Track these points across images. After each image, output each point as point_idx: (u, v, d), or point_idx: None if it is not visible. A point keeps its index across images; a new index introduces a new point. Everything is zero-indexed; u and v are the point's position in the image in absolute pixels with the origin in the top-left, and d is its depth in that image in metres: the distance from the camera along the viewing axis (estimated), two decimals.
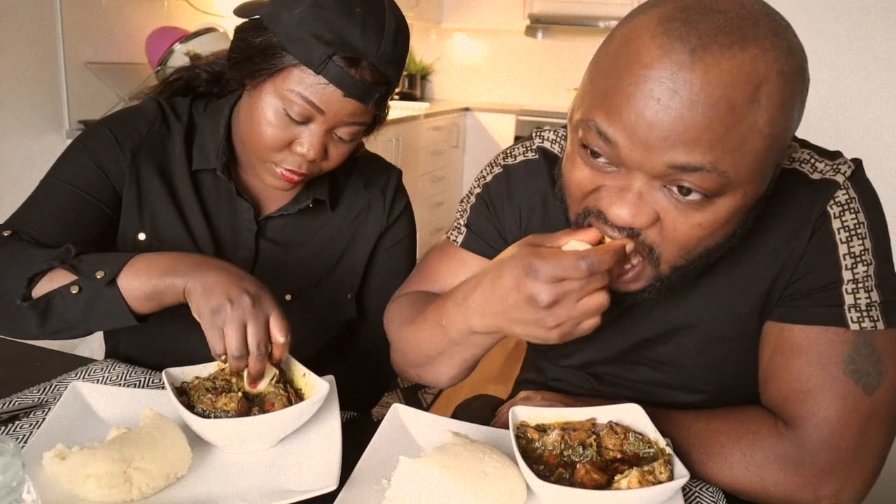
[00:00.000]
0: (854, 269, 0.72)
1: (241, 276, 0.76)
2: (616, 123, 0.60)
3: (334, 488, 0.64)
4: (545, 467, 0.67)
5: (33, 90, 2.09)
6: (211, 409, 0.73)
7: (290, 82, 0.84)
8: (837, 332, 0.71)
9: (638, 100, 0.58)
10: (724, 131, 0.57)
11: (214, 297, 0.73)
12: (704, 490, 0.72)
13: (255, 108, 0.87)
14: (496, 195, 0.91)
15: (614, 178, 0.64)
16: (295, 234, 1.02)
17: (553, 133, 0.91)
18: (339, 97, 0.84)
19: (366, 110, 0.87)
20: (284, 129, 0.86)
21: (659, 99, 0.57)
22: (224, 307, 0.72)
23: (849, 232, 0.72)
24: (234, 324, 0.72)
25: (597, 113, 0.62)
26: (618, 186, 0.64)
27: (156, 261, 0.78)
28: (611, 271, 0.64)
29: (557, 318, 0.63)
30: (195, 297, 0.74)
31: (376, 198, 1.05)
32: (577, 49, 4.67)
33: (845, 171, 0.74)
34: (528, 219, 0.89)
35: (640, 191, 0.62)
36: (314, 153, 0.87)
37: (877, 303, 0.71)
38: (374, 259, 1.07)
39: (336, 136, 0.89)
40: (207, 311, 0.72)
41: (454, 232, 0.96)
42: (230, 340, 0.72)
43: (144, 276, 0.76)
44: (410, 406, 0.79)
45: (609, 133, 0.61)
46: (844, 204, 0.73)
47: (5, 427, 0.77)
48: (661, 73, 0.57)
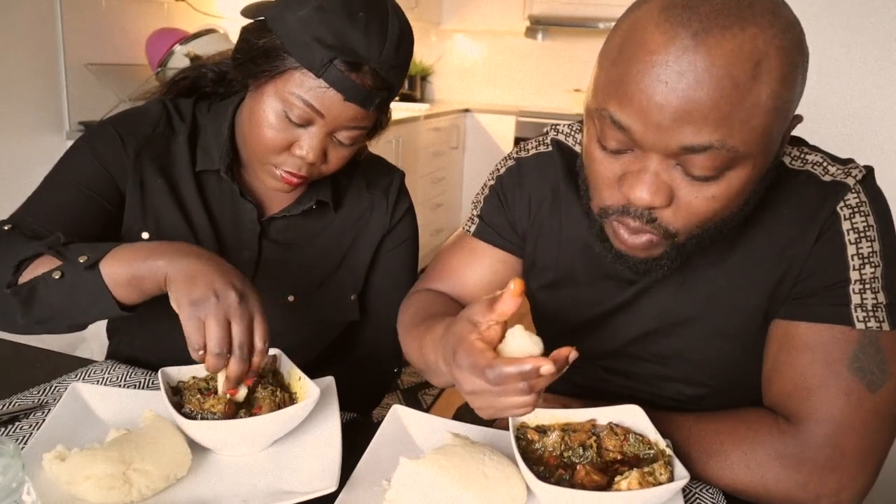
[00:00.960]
0: (862, 269, 0.72)
1: (228, 268, 0.73)
2: (628, 109, 0.62)
3: (334, 489, 0.64)
4: (545, 468, 0.67)
5: (34, 91, 2.09)
6: (198, 410, 0.72)
7: (291, 85, 0.84)
8: (843, 330, 0.72)
9: (647, 85, 0.60)
10: (729, 108, 0.59)
11: (197, 287, 0.69)
12: (704, 491, 0.72)
13: (257, 109, 0.87)
14: (508, 187, 0.94)
15: (630, 163, 0.67)
16: (298, 235, 1.01)
17: (568, 127, 0.94)
18: (340, 101, 0.84)
19: (366, 115, 0.87)
20: (284, 131, 0.86)
21: (667, 82, 0.59)
22: (207, 299, 0.68)
23: (858, 234, 0.73)
24: (218, 318, 0.68)
25: (609, 102, 0.64)
26: (635, 170, 0.66)
27: (140, 246, 0.76)
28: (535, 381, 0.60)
29: (479, 404, 0.65)
30: (176, 285, 0.70)
31: (379, 199, 1.06)
32: (577, 50, 4.67)
33: (856, 174, 0.75)
34: (537, 209, 0.92)
35: (656, 171, 0.65)
36: (313, 156, 0.87)
37: (883, 304, 0.72)
38: (376, 260, 1.07)
39: (336, 139, 0.89)
40: (188, 302, 0.69)
41: (469, 223, 0.98)
42: (211, 334, 0.68)
43: (127, 260, 0.74)
44: (410, 407, 0.79)
45: (622, 120, 0.63)
46: (855, 206, 0.74)
47: (5, 428, 0.77)
48: (667, 57, 0.59)
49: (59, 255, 0.77)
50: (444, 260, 0.99)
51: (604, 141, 0.67)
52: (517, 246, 0.94)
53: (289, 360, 0.81)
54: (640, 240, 0.69)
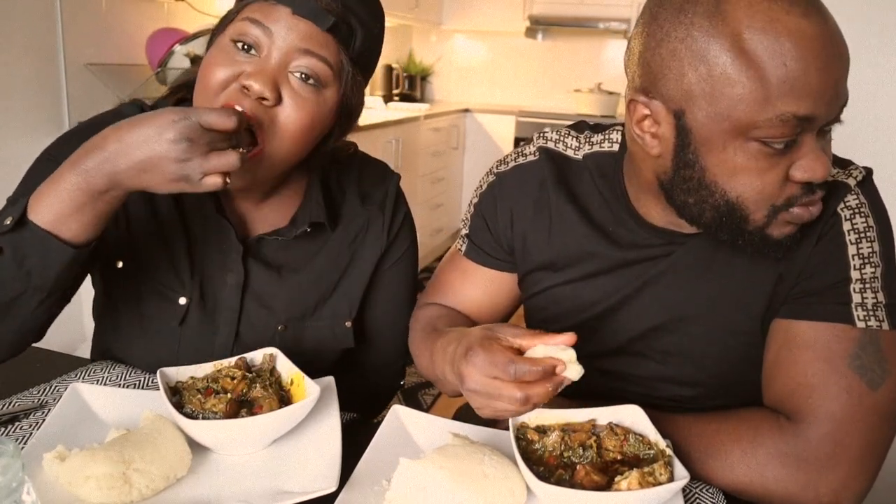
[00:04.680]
0: (862, 269, 0.74)
1: (145, 117, 0.67)
2: (808, 98, 0.64)
3: (334, 489, 0.64)
4: (545, 468, 0.67)
5: (34, 91, 2.09)
6: (199, 410, 0.72)
7: (242, 13, 0.80)
8: (844, 328, 0.73)
9: (811, 68, 0.63)
10: (848, 58, 0.67)
11: (164, 140, 0.65)
12: (704, 491, 0.72)
13: (206, 56, 0.81)
14: (488, 205, 0.95)
15: (794, 152, 0.68)
16: (289, 258, 0.94)
17: (556, 133, 0.93)
18: (288, 14, 0.78)
19: (323, 41, 0.79)
20: (231, 63, 0.79)
21: (831, 53, 0.64)
22: (176, 141, 0.65)
23: (858, 234, 0.75)
24: (193, 133, 0.66)
25: (787, 104, 0.64)
26: (804, 153, 0.67)
27: (60, 169, 0.69)
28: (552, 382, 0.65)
29: (479, 403, 0.67)
30: (134, 167, 0.66)
31: (375, 215, 0.98)
32: (577, 50, 4.67)
33: (857, 175, 0.77)
34: (520, 220, 0.92)
35: (821, 146, 0.68)
36: (261, 83, 0.76)
37: (882, 304, 0.73)
38: (375, 281, 1.00)
39: (293, 76, 0.79)
40: (169, 158, 0.66)
41: (460, 240, 1.00)
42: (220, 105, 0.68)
43: (54, 192, 0.68)
44: (410, 407, 0.79)
45: (806, 112, 0.64)
46: (855, 208, 0.76)
47: (5, 428, 0.77)
48: (814, 41, 0.63)
49: None
50: (441, 277, 1.01)
51: (776, 144, 0.66)
52: (507, 262, 0.96)
53: (287, 359, 0.81)
54: (816, 207, 0.71)
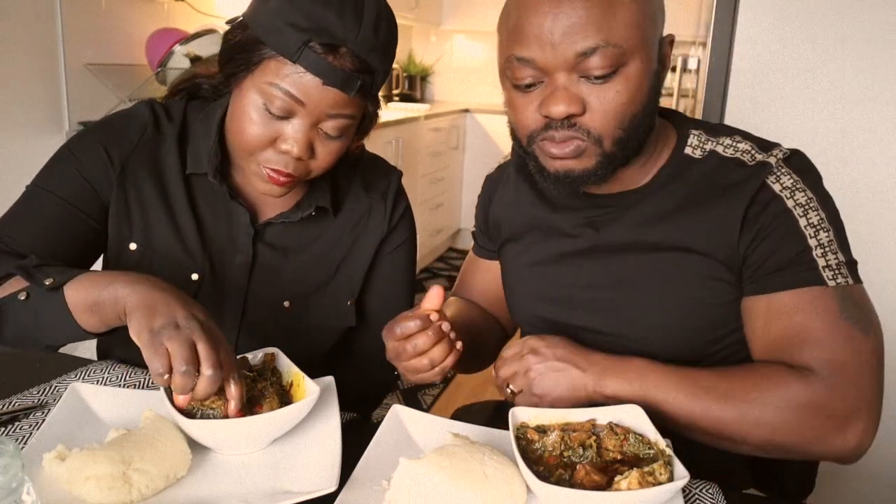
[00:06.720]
0: (817, 236, 0.80)
1: (188, 300, 0.72)
2: (526, 43, 0.77)
3: (334, 489, 0.64)
4: (545, 468, 0.67)
5: (33, 91, 2.09)
6: (199, 408, 0.72)
7: (269, 75, 0.82)
8: (821, 289, 0.79)
9: (534, 16, 0.75)
10: (601, 13, 0.74)
11: (158, 316, 0.67)
12: (704, 491, 0.72)
13: (238, 106, 0.86)
14: (482, 206, 1.09)
15: (542, 92, 0.78)
16: (295, 240, 1.00)
17: None
18: (318, 86, 0.81)
19: (350, 101, 0.84)
20: (267, 125, 0.84)
21: (548, 9, 0.74)
22: (168, 326, 0.66)
23: (803, 207, 0.81)
24: (181, 340, 0.65)
25: (512, 48, 0.78)
26: (548, 94, 0.78)
27: (103, 273, 0.76)
28: None
29: (401, 370, 0.82)
30: (136, 314, 0.68)
31: (377, 203, 1.04)
32: None
33: (778, 154, 0.84)
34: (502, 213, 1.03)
35: (564, 86, 0.77)
36: (298, 149, 0.84)
37: (843, 262, 0.80)
38: (375, 265, 1.06)
39: (322, 131, 0.86)
40: (147, 329, 0.66)
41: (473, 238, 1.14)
42: (175, 353, 0.64)
43: (89, 286, 0.74)
44: (410, 407, 0.79)
45: (526, 55, 0.77)
46: (791, 186, 0.82)
47: (5, 428, 0.77)
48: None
49: (27, 276, 0.77)
50: (461, 273, 1.16)
51: (517, 81, 0.79)
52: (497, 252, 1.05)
53: (287, 359, 0.81)
54: (568, 147, 0.79)
